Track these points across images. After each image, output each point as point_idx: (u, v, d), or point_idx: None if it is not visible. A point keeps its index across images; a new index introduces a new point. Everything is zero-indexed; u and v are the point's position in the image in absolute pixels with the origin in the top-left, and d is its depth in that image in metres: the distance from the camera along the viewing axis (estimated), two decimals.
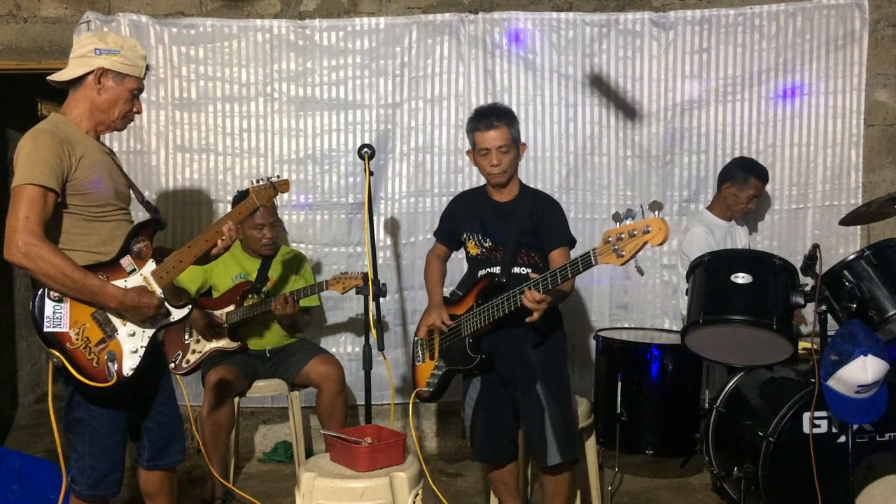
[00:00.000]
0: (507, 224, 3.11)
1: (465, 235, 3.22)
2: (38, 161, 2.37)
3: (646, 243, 2.44)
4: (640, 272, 2.64)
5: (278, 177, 3.08)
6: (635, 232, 2.43)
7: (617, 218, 2.49)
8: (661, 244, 2.45)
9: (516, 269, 3.08)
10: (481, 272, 3.14)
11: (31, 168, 2.36)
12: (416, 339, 3.35)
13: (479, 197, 3.23)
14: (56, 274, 2.35)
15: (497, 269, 3.09)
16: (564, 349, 3.17)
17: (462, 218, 3.24)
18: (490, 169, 3.07)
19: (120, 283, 2.51)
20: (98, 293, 2.43)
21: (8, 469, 3.44)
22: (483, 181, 3.24)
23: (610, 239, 2.49)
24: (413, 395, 3.30)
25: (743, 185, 3.96)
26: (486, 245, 3.15)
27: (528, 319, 2.80)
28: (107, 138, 3.41)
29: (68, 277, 2.37)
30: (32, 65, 4.20)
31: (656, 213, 2.42)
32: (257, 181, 3.02)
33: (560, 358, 3.10)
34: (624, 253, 2.46)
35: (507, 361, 3.05)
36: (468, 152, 3.20)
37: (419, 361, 3.29)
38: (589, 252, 2.56)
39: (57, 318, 2.40)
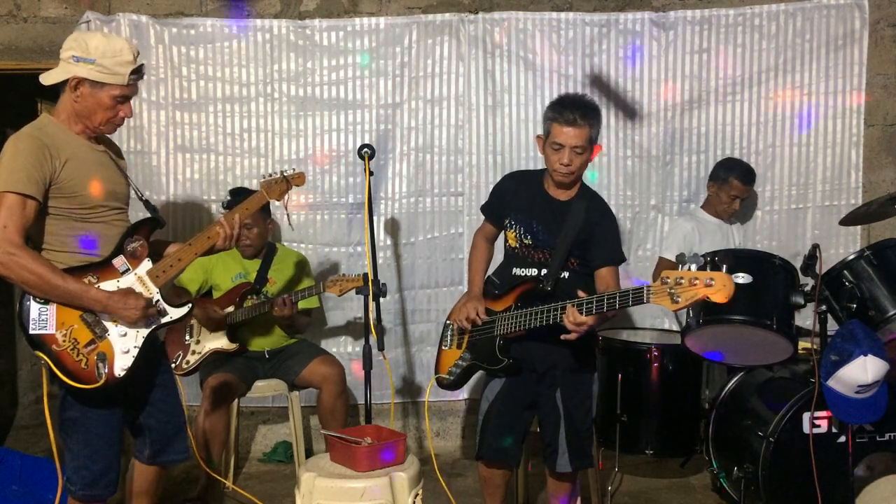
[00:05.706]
0: (557, 226, 2.88)
1: (508, 221, 3.00)
2: (17, 167, 2.34)
3: (706, 297, 2.27)
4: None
5: (294, 169, 2.95)
6: (697, 281, 2.26)
7: (681, 260, 2.34)
8: (722, 303, 2.29)
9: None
10: (516, 270, 2.97)
11: (10, 175, 2.33)
12: (447, 322, 3.21)
13: (535, 185, 2.98)
14: (36, 281, 2.35)
15: (533, 272, 2.92)
16: (593, 367, 3.05)
17: (510, 201, 3.01)
18: (558, 166, 2.82)
19: (112, 283, 2.48)
20: (80, 297, 2.41)
21: (8, 469, 3.43)
22: (542, 165, 2.99)
23: (668, 280, 2.32)
24: (433, 379, 3.17)
25: (723, 185, 3.98)
26: (526, 242, 2.94)
27: (563, 337, 2.66)
28: None
29: (48, 284, 2.36)
30: (32, 65, 4.19)
31: (724, 267, 2.29)
32: (269, 174, 2.89)
33: (585, 375, 2.99)
34: (680, 300, 2.29)
35: (534, 365, 2.96)
36: (538, 137, 2.94)
37: (445, 346, 3.16)
38: (642, 288, 2.42)
39: (43, 321, 2.40)
